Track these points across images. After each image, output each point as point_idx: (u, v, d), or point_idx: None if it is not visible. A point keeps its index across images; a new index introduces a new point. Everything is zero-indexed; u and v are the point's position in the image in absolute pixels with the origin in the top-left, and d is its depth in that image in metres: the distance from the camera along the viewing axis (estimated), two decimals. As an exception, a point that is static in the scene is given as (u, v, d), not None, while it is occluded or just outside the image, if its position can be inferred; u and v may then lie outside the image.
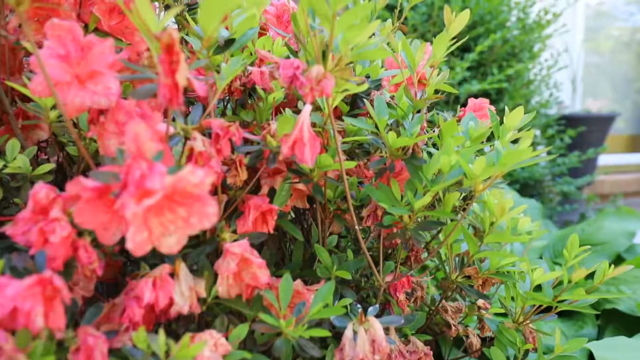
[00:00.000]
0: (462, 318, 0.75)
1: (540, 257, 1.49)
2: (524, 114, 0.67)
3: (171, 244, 0.38)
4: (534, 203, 1.49)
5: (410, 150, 0.60)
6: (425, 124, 0.66)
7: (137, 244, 0.36)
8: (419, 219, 0.59)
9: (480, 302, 0.74)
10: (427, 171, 0.57)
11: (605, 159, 3.70)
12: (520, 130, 0.67)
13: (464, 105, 1.85)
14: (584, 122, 2.76)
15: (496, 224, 0.61)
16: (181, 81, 0.36)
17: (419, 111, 0.66)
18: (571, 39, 3.34)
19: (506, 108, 0.68)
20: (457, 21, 0.58)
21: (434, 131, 0.66)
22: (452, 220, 0.63)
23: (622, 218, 1.46)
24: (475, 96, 1.73)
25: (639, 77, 4.04)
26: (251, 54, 0.63)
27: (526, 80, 1.73)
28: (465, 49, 1.79)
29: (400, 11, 0.90)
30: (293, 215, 0.78)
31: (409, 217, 0.57)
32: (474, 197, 0.56)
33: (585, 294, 0.62)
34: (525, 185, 1.82)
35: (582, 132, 2.78)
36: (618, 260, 1.39)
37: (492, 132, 0.66)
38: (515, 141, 0.64)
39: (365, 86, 0.51)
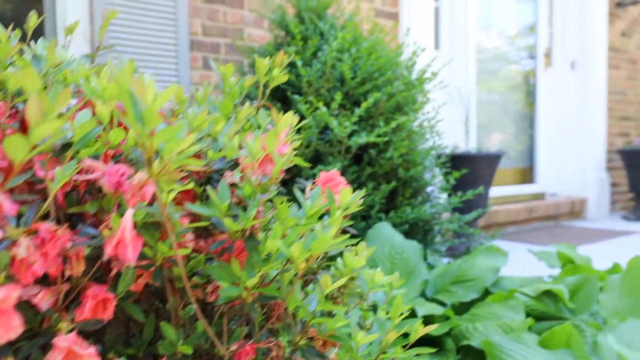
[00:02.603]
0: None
1: (422, 294, 1.61)
2: (410, 160, 0.76)
3: (-22, 355, 0.40)
4: (415, 245, 1.61)
5: (249, 232, 0.66)
6: (262, 208, 0.72)
7: (-61, 360, 0.38)
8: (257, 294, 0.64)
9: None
10: (262, 251, 0.63)
11: (499, 191, 4.02)
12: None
13: (355, 154, 1.95)
14: (475, 160, 3.01)
15: (331, 291, 0.68)
16: (-14, 208, 0.40)
17: (265, 190, 0.73)
18: (464, 82, 3.65)
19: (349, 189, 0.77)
20: (283, 120, 0.66)
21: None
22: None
23: (490, 255, 1.62)
24: (366, 146, 1.86)
25: (532, 115, 4.46)
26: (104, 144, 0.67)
27: (410, 131, 1.88)
28: (356, 103, 1.92)
29: (265, 89, 0.98)
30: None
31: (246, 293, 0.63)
32: (303, 278, 0.62)
33: (402, 351, 0.71)
34: (414, 224, 1.96)
35: (475, 169, 3.03)
36: (486, 293, 1.54)
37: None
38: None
39: (191, 184, 0.57)
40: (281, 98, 2.04)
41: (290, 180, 1.72)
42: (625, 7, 4.40)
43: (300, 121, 1.96)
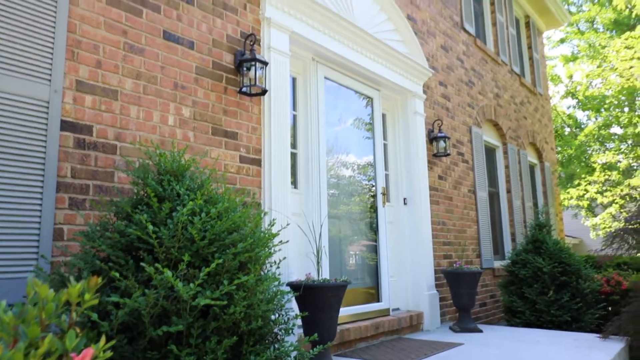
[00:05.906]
0: None
1: None
2: (251, 314, 0.78)
3: None
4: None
5: None
6: None
7: None
8: None
9: None
10: None
11: (351, 310, 4.21)
12: None
13: (201, 309, 1.94)
14: (324, 289, 3.17)
15: None
16: None
17: None
18: (317, 218, 3.94)
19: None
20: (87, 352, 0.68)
21: None
22: None
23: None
24: (208, 305, 1.88)
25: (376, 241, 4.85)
26: None
27: (253, 286, 1.95)
28: (205, 260, 1.97)
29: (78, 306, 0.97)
30: None
31: None
32: None
33: None
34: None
35: (324, 297, 3.17)
36: None
37: None
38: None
39: None
40: (135, 251, 2.01)
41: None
42: (440, 157, 5.28)
43: (149, 280, 1.93)
